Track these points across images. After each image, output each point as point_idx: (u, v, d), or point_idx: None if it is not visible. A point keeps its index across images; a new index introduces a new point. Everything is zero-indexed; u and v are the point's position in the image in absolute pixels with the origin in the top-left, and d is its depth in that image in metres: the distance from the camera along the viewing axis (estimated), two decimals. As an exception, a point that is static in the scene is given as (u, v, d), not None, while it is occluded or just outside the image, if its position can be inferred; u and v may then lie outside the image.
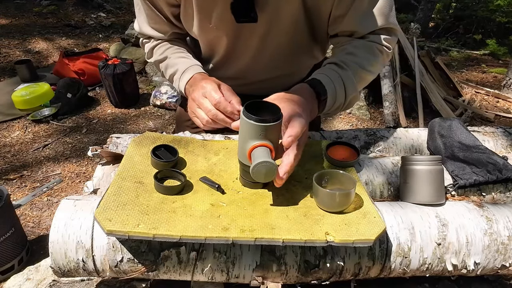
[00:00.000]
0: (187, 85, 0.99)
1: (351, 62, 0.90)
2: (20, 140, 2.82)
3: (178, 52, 1.06)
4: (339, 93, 0.88)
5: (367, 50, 0.93)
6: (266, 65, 1.06)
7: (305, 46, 1.05)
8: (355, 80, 0.90)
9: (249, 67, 1.07)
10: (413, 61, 3.34)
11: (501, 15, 5.75)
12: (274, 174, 0.66)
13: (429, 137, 0.98)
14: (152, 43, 1.10)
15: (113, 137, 0.95)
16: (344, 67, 0.90)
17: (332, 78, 0.87)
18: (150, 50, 1.11)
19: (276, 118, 0.68)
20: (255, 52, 1.02)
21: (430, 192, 0.76)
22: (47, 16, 5.48)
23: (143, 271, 0.69)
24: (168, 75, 1.07)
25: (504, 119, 3.44)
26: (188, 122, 1.21)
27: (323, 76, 0.88)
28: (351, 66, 0.90)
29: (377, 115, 3.38)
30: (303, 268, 0.70)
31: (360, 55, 0.92)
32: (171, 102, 3.30)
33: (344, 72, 0.89)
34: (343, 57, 0.92)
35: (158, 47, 1.09)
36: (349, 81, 0.89)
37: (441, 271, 0.73)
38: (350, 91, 0.90)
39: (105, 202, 0.67)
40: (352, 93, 0.90)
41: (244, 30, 0.96)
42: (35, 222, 2.06)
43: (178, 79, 1.02)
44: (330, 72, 0.89)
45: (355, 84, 0.90)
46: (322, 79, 0.86)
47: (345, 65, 0.90)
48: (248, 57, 1.04)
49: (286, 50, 1.03)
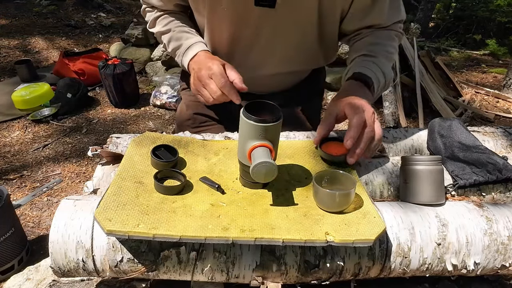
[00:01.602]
0: (191, 62, 0.99)
1: (378, 50, 0.98)
2: (20, 140, 2.82)
3: (182, 27, 1.05)
4: (380, 77, 0.96)
5: (388, 38, 1.02)
6: (272, 60, 1.06)
7: (312, 48, 1.06)
8: (386, 64, 0.99)
9: (254, 59, 1.06)
10: (413, 61, 3.34)
11: (501, 15, 5.75)
12: (274, 174, 0.66)
13: (429, 137, 0.98)
14: (155, 13, 1.09)
15: (113, 137, 0.95)
16: (374, 55, 0.97)
17: (369, 67, 0.94)
18: (153, 20, 1.10)
19: (276, 118, 0.68)
20: (264, 43, 1.01)
21: (430, 192, 0.76)
22: (47, 16, 5.48)
23: (143, 271, 0.69)
24: (170, 48, 1.06)
25: (504, 119, 3.44)
26: (188, 122, 1.21)
27: (362, 68, 0.94)
28: (380, 53, 0.98)
29: (377, 115, 3.38)
30: (303, 268, 0.70)
31: (384, 43, 1.00)
32: (171, 102, 3.30)
33: (376, 59, 0.97)
34: (370, 47, 0.99)
35: (161, 18, 1.08)
36: (383, 66, 0.97)
37: (441, 271, 0.73)
38: (387, 73, 0.98)
39: (105, 202, 0.67)
40: (388, 74, 0.99)
41: (255, 17, 0.95)
42: (35, 222, 2.06)
43: (182, 54, 1.02)
44: (365, 63, 0.96)
45: (387, 67, 0.98)
46: (362, 71, 0.93)
47: (375, 53, 0.98)
48: (256, 48, 1.03)
49: (293, 47, 1.03)
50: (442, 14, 6.51)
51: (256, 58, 1.06)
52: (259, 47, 1.03)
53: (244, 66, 1.08)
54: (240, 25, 0.98)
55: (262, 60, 1.06)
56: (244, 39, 1.02)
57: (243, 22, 0.97)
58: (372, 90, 0.92)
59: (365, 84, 0.91)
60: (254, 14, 0.94)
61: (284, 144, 0.90)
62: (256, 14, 0.94)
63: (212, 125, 1.19)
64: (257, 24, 0.98)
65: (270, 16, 0.94)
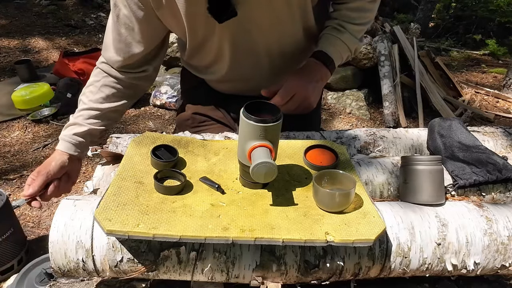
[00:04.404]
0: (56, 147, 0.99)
1: (348, 24, 1.02)
2: (20, 140, 2.82)
3: (88, 109, 1.01)
4: (343, 51, 1.03)
5: (363, 9, 1.03)
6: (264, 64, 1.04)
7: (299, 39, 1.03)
8: (355, 37, 1.04)
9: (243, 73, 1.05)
10: (413, 61, 3.35)
11: (501, 15, 5.75)
12: (274, 174, 0.66)
13: (429, 137, 0.98)
14: (102, 80, 1.03)
15: (113, 137, 0.95)
16: (342, 30, 1.02)
17: (334, 43, 1.01)
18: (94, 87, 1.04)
19: (276, 118, 0.68)
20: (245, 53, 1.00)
21: (430, 192, 0.76)
22: (47, 16, 5.47)
23: (143, 271, 0.69)
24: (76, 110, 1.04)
25: (504, 119, 3.44)
26: (188, 122, 1.20)
27: (327, 45, 1.01)
28: (348, 28, 1.02)
29: (377, 115, 3.38)
30: (303, 268, 0.70)
31: (356, 17, 1.03)
32: (171, 102, 3.30)
33: (343, 35, 1.02)
34: (342, 18, 1.03)
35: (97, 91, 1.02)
36: (350, 40, 1.03)
37: (441, 271, 0.73)
38: (352, 46, 1.04)
39: (105, 202, 0.67)
40: (353, 46, 1.05)
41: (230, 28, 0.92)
42: (35, 222, 2.06)
43: (65, 127, 1.02)
44: (331, 39, 1.01)
45: (354, 40, 1.04)
46: (325, 49, 1.00)
47: (343, 28, 1.02)
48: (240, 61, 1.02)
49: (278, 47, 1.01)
50: (442, 14, 6.51)
51: (244, 71, 1.04)
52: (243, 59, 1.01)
53: (237, 80, 1.08)
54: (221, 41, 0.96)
55: (250, 71, 1.05)
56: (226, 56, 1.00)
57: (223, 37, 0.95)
58: (331, 67, 1.01)
59: (324, 63, 0.99)
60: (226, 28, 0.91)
61: (284, 144, 0.90)
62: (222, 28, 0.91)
63: (212, 125, 1.19)
64: (227, 37, 0.95)
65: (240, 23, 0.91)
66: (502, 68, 4.61)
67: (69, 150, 0.97)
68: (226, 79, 1.08)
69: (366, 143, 1.00)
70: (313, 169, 0.83)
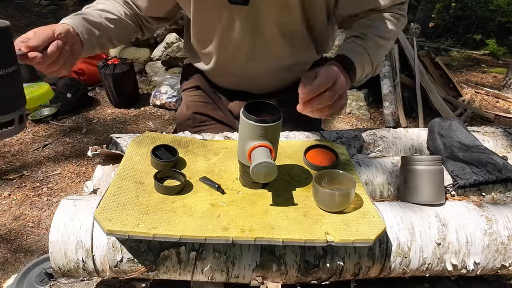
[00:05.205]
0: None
1: (371, 34, 0.95)
2: (20, 140, 2.82)
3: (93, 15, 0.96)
4: (366, 62, 0.93)
5: (383, 20, 0.98)
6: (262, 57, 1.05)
7: (301, 37, 1.04)
8: (376, 48, 0.96)
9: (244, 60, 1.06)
10: (413, 61, 3.34)
11: (501, 15, 5.75)
12: (274, 174, 0.66)
13: (429, 137, 0.98)
14: None
15: (113, 137, 0.95)
16: (365, 38, 0.95)
17: (356, 50, 0.92)
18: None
19: (276, 118, 0.68)
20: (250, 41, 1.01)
21: (430, 192, 0.76)
22: (47, 16, 5.48)
23: (143, 271, 0.69)
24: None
25: (504, 119, 3.44)
26: (188, 121, 1.21)
27: (348, 51, 0.91)
28: (372, 38, 0.95)
29: (377, 115, 3.38)
30: (303, 268, 0.70)
31: (378, 26, 0.97)
32: (171, 102, 3.30)
33: (366, 43, 0.94)
34: (363, 29, 0.96)
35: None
36: (372, 51, 0.94)
37: (441, 271, 0.73)
38: (375, 58, 0.95)
39: (105, 202, 0.67)
40: (376, 59, 0.96)
41: (236, 15, 0.95)
42: (35, 222, 2.06)
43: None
44: (354, 46, 0.93)
45: (377, 51, 0.96)
46: (347, 54, 0.90)
47: (366, 36, 0.95)
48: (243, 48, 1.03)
49: (280, 40, 1.02)
50: (442, 14, 6.51)
51: (245, 58, 1.05)
52: (246, 46, 1.02)
53: (235, 68, 1.08)
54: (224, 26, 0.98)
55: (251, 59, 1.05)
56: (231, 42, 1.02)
57: (226, 23, 0.97)
58: (352, 75, 0.90)
59: (345, 68, 0.88)
60: (232, 13, 0.94)
61: (284, 144, 0.90)
62: (234, 13, 0.94)
63: (212, 125, 1.19)
64: (239, 23, 0.97)
65: (248, 13, 0.93)
66: (502, 68, 4.61)
67: (72, 24, 0.87)
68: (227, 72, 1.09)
69: (366, 143, 1.00)
70: (313, 169, 0.83)
